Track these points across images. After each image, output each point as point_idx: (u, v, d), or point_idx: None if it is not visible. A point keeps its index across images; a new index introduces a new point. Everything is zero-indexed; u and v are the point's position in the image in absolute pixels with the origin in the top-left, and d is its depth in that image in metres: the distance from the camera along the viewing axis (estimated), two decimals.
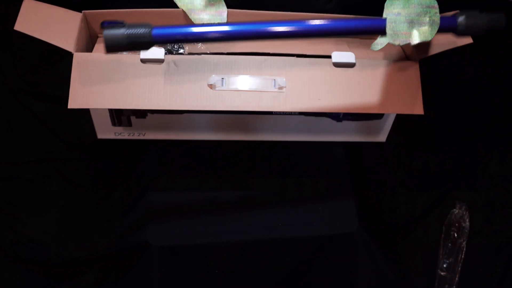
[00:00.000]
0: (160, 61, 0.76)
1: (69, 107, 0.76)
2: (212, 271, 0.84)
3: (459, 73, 1.12)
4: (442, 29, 0.72)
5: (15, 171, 0.97)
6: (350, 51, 0.80)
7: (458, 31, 0.72)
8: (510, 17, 1.13)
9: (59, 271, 0.88)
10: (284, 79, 0.78)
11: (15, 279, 0.88)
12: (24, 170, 0.97)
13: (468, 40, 0.78)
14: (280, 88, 0.77)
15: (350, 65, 0.78)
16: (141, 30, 0.64)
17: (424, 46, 0.80)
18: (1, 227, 0.90)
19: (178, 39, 0.68)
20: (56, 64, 1.06)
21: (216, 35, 0.68)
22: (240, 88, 0.77)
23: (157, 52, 0.76)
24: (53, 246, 0.88)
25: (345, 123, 0.90)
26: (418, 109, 0.80)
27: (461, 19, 0.71)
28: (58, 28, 0.78)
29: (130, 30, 0.63)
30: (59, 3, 0.81)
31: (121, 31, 0.63)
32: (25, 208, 0.93)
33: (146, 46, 0.67)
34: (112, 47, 0.64)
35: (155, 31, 0.66)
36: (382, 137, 0.93)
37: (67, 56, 0.81)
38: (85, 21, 0.84)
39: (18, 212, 0.92)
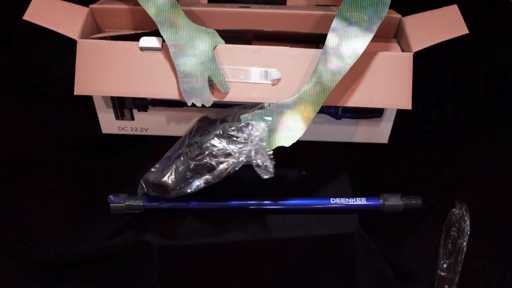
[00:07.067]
0: (157, 49, 0.78)
1: (75, 93, 0.78)
2: (212, 271, 0.84)
3: (459, 73, 1.12)
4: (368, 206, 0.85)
5: (15, 171, 0.97)
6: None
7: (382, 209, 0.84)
8: (510, 16, 1.14)
9: (59, 271, 0.88)
10: (276, 71, 0.78)
11: (15, 279, 0.88)
12: (24, 170, 0.97)
13: (463, 31, 0.78)
14: (271, 79, 0.78)
15: None
16: (136, 202, 0.81)
17: (419, 38, 0.80)
18: (1, 227, 0.90)
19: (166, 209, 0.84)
20: (56, 64, 1.06)
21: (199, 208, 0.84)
22: (232, 80, 0.78)
23: (154, 41, 0.78)
24: (53, 246, 0.88)
25: (346, 124, 0.90)
26: (406, 103, 0.79)
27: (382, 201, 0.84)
28: (64, 19, 0.81)
29: (129, 202, 0.81)
30: None
31: (122, 204, 0.81)
32: (25, 208, 0.93)
33: (141, 213, 0.83)
34: (116, 214, 0.82)
35: (148, 202, 0.82)
36: (384, 138, 0.93)
37: (66, 57, 0.81)
38: (92, 15, 0.86)
39: (18, 212, 0.92)
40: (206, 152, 0.75)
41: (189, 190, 0.75)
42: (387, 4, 0.76)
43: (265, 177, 0.74)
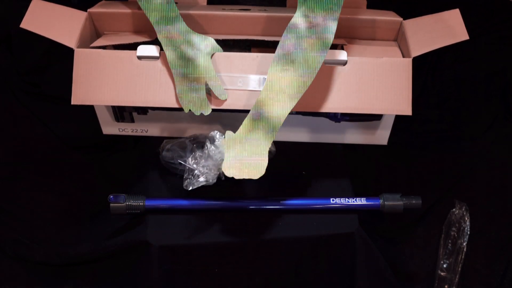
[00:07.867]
0: (155, 57, 0.78)
1: (72, 103, 0.78)
2: (212, 271, 0.84)
3: (459, 74, 1.12)
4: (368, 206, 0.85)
5: (15, 171, 0.97)
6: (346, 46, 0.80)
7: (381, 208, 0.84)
8: (510, 16, 1.14)
9: (59, 271, 0.88)
10: None
11: (15, 279, 0.88)
12: (24, 170, 0.97)
13: (464, 37, 0.78)
14: None
15: (342, 63, 0.78)
16: (136, 202, 0.82)
17: (418, 43, 0.80)
18: (1, 227, 0.90)
19: (166, 209, 0.85)
20: (56, 64, 1.06)
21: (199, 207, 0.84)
22: (230, 87, 0.78)
23: (152, 49, 0.78)
24: (53, 246, 0.88)
25: (346, 126, 0.90)
26: (406, 109, 0.78)
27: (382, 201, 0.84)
28: (62, 26, 0.80)
29: (129, 202, 0.82)
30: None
31: (122, 204, 0.82)
32: (25, 208, 0.93)
33: (141, 213, 0.83)
34: (116, 214, 0.83)
35: (147, 202, 0.83)
36: (384, 140, 0.93)
37: (67, 57, 0.81)
38: (90, 20, 0.85)
39: (18, 212, 0.92)
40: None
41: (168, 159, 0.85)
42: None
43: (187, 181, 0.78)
